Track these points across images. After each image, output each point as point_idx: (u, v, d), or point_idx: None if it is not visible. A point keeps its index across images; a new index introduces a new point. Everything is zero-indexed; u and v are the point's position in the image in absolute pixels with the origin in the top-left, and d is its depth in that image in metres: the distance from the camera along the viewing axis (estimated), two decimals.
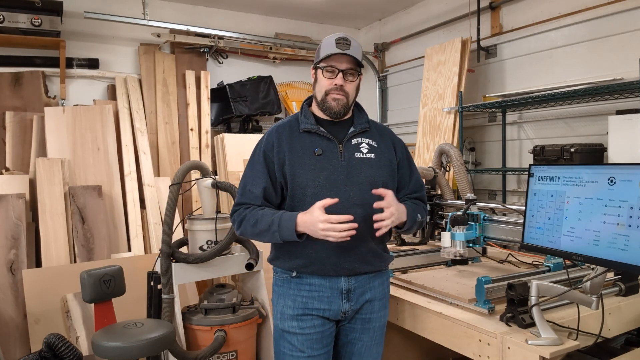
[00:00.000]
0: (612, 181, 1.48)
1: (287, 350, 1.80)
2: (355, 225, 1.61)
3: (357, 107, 1.90)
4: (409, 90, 5.02)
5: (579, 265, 2.06)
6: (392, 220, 1.67)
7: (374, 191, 1.68)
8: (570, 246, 1.58)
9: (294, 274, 1.79)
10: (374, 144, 1.84)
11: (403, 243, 2.99)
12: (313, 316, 1.77)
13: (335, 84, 1.75)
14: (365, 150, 1.81)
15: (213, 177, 2.70)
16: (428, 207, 2.12)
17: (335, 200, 1.64)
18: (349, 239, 1.62)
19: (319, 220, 1.60)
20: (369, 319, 1.84)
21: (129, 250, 3.74)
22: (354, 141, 1.82)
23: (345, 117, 1.85)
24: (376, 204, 1.68)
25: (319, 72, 1.79)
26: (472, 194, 2.38)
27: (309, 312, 1.77)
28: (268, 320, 2.75)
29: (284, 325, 1.80)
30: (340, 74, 1.75)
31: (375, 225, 1.66)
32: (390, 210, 1.66)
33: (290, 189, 1.76)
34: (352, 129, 1.83)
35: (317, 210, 1.62)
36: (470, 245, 2.28)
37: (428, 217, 2.96)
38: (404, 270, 2.43)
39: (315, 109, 1.86)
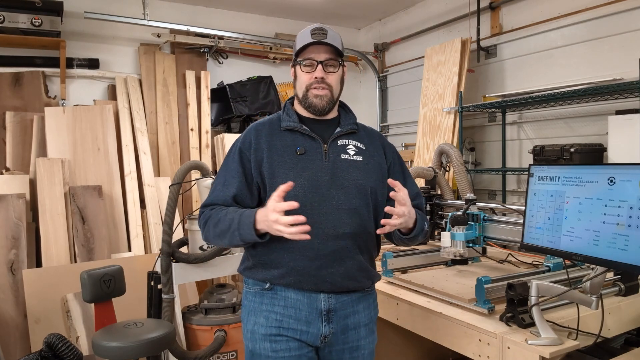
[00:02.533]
0: (611, 181, 1.48)
1: None
2: (307, 228, 1.37)
3: (344, 108, 1.75)
4: (409, 90, 5.02)
5: (579, 265, 2.06)
6: (400, 222, 1.48)
7: (390, 181, 1.48)
8: (570, 246, 1.58)
9: (267, 285, 1.59)
10: (361, 146, 1.67)
11: None
12: (289, 338, 1.56)
13: (316, 77, 1.60)
14: (352, 152, 1.64)
15: (213, 177, 2.70)
16: (427, 213, 1.96)
17: (290, 184, 1.42)
18: (307, 237, 1.38)
19: (270, 210, 1.39)
20: (357, 347, 1.64)
21: (129, 250, 3.74)
22: (340, 142, 1.65)
23: (331, 117, 1.70)
24: (392, 194, 1.46)
25: (298, 68, 1.65)
26: (472, 194, 2.38)
27: (283, 332, 1.56)
28: None
29: (255, 346, 1.59)
30: (320, 66, 1.59)
31: (383, 221, 1.46)
32: (402, 210, 1.47)
33: (269, 189, 1.55)
34: (338, 129, 1.67)
35: (271, 200, 1.41)
36: (470, 245, 2.28)
37: (428, 218, 2.97)
38: (404, 270, 2.43)
39: (298, 107, 1.71)
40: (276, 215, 1.38)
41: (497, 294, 1.86)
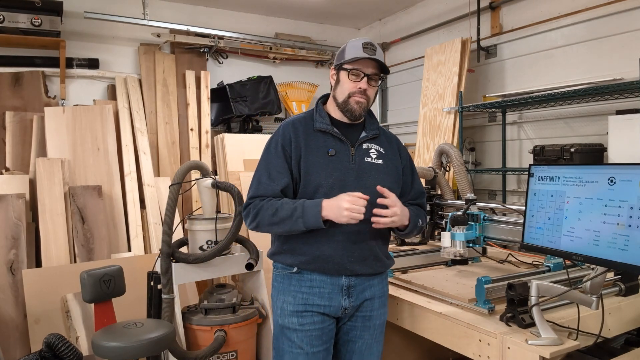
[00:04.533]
0: (612, 181, 1.48)
1: (286, 346, 1.81)
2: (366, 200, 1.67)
3: (368, 114, 1.94)
4: (409, 90, 5.02)
5: (579, 265, 2.06)
6: (392, 220, 1.72)
7: (379, 188, 1.72)
8: (570, 246, 1.58)
9: (295, 269, 1.80)
10: (382, 150, 1.89)
11: (403, 243, 2.99)
12: (313, 312, 1.78)
13: (360, 88, 1.78)
14: (374, 156, 1.86)
15: (213, 177, 2.70)
16: (427, 213, 2.12)
17: (367, 197, 1.67)
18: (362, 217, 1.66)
19: (344, 199, 1.64)
20: (369, 317, 1.86)
21: (129, 250, 3.74)
22: (364, 146, 1.86)
23: (358, 121, 1.89)
24: (379, 200, 1.72)
25: (343, 73, 1.81)
26: (472, 194, 2.38)
27: (309, 308, 1.78)
28: (268, 320, 2.75)
29: (284, 321, 1.82)
30: (366, 78, 1.78)
31: (373, 219, 1.70)
32: (394, 210, 1.71)
33: (303, 185, 1.78)
34: (364, 134, 1.88)
35: (347, 194, 1.66)
36: (470, 245, 2.28)
37: (428, 218, 2.96)
38: (404, 270, 2.43)
39: (330, 107, 1.89)
40: (350, 204, 1.63)
41: (497, 294, 1.86)
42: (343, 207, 1.63)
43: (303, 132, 1.82)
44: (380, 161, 1.86)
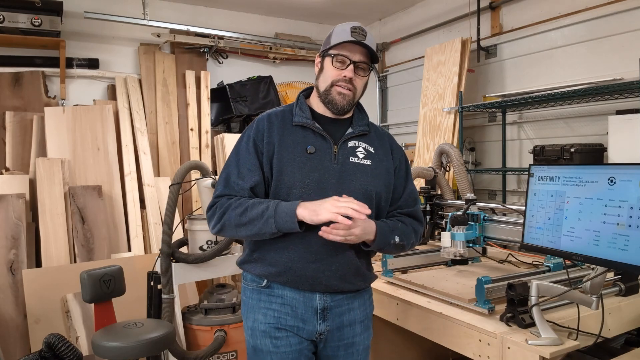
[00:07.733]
0: (612, 181, 1.48)
1: None
2: (363, 217, 1.41)
3: (358, 108, 1.71)
4: (409, 90, 5.02)
5: (579, 265, 2.06)
6: (345, 239, 1.46)
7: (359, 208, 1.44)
8: (570, 246, 1.58)
9: (264, 283, 1.59)
10: (371, 149, 1.65)
11: None
12: (288, 333, 1.58)
13: (345, 76, 1.55)
14: (361, 156, 1.62)
15: (213, 177, 2.70)
16: (423, 226, 1.80)
17: (367, 212, 1.42)
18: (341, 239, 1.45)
19: (330, 201, 1.43)
20: (352, 343, 1.65)
21: (129, 250, 3.74)
22: (350, 144, 1.62)
23: (346, 116, 1.66)
24: (341, 221, 1.42)
25: (327, 60, 1.58)
26: (472, 194, 2.38)
27: (282, 327, 1.57)
28: None
29: (256, 342, 1.60)
30: (352, 66, 1.55)
31: (323, 229, 1.45)
32: (350, 231, 1.45)
33: (275, 186, 1.56)
34: (350, 130, 1.64)
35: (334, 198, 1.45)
36: (470, 245, 2.28)
37: (427, 223, 2.96)
38: (404, 270, 2.43)
39: (313, 101, 1.67)
40: (337, 206, 1.40)
41: (497, 294, 1.86)
42: (325, 206, 1.42)
43: (279, 127, 1.59)
44: (368, 162, 1.62)
